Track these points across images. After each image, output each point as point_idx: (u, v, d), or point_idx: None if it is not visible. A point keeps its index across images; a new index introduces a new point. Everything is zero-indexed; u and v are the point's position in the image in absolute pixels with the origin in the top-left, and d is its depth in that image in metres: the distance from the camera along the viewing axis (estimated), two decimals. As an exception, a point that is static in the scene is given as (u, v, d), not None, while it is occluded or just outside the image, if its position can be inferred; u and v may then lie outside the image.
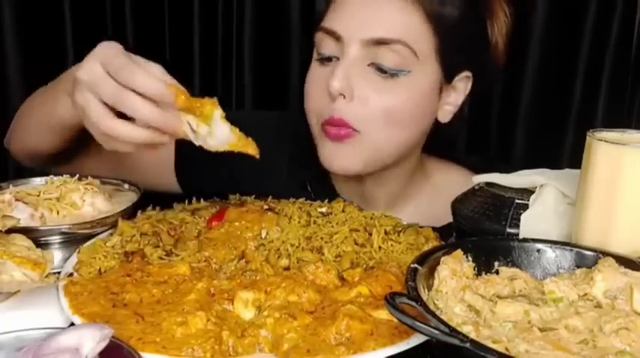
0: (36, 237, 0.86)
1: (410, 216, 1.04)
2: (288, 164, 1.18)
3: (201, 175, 1.20)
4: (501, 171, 0.96)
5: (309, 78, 1.07)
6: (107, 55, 0.79)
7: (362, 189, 1.13)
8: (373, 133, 1.01)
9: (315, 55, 1.06)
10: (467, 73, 1.05)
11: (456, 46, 1.01)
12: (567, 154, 1.53)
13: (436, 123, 1.08)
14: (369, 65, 0.99)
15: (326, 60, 1.03)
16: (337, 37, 1.00)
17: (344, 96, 0.99)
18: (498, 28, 1.07)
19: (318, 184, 1.15)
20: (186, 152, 1.18)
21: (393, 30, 0.97)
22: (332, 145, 1.02)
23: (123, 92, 0.76)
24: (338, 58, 1.01)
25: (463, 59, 1.04)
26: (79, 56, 1.52)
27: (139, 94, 0.75)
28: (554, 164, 0.93)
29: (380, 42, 0.97)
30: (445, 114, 1.07)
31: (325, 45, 1.02)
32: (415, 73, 0.99)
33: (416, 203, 1.16)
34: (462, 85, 1.06)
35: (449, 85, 1.05)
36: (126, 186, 1.05)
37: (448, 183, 1.16)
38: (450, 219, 0.94)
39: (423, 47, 0.99)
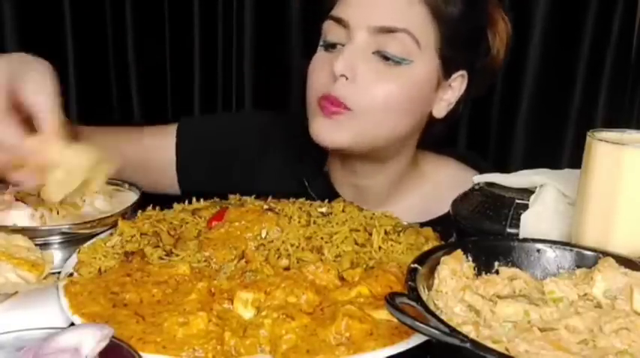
0: (36, 237, 0.86)
1: (404, 209, 1.09)
2: (285, 162, 1.22)
3: (202, 175, 1.22)
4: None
5: (313, 62, 1.11)
6: None
7: (356, 182, 1.17)
8: (367, 116, 1.04)
9: (320, 43, 1.10)
10: (462, 72, 1.10)
11: (456, 43, 1.06)
12: (567, 154, 1.53)
13: (430, 119, 1.12)
14: (373, 53, 1.03)
15: (331, 47, 1.07)
16: (345, 25, 1.05)
17: (346, 78, 1.02)
18: (499, 36, 1.12)
19: (315, 180, 1.19)
20: (188, 154, 1.23)
21: (398, 19, 1.02)
22: (324, 120, 1.05)
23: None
24: (343, 45, 1.05)
25: (461, 58, 1.08)
26: (79, 56, 1.53)
27: None
28: (554, 164, 0.93)
29: (386, 30, 1.02)
30: (440, 110, 1.11)
31: (332, 32, 1.07)
32: (416, 63, 1.04)
33: (410, 197, 1.18)
34: (458, 84, 1.11)
35: (446, 81, 1.09)
36: (126, 186, 1.05)
37: (442, 177, 1.21)
38: (442, 211, 0.97)
39: (425, 39, 1.03)
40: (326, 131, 1.06)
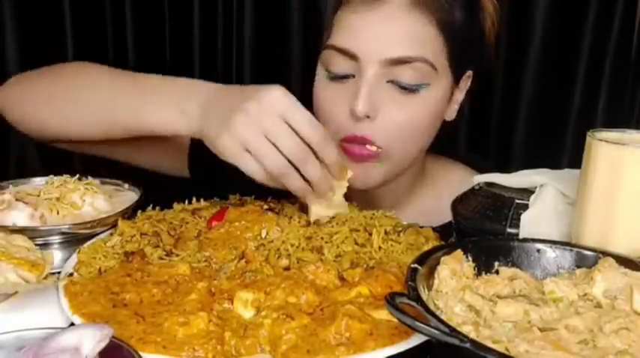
0: (36, 237, 0.86)
1: (412, 215, 1.05)
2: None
3: (212, 166, 1.18)
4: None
5: (321, 96, 1.03)
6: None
7: (367, 194, 1.11)
8: (395, 148, 1.01)
9: (322, 72, 1.03)
10: (469, 72, 1.08)
11: (462, 49, 1.03)
12: (567, 154, 1.53)
13: (442, 123, 1.10)
14: (387, 82, 0.98)
15: (339, 78, 1.01)
16: (352, 56, 0.98)
17: (368, 117, 0.97)
18: (490, 19, 1.08)
19: None
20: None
21: (412, 48, 0.96)
22: (352, 165, 0.98)
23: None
24: (354, 76, 0.99)
25: (468, 60, 1.06)
26: (79, 56, 1.52)
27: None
28: (554, 164, 0.93)
29: (401, 61, 0.96)
30: (452, 114, 1.09)
31: (337, 63, 1.00)
32: (433, 85, 1.00)
33: (418, 203, 1.16)
34: (465, 83, 1.09)
35: (457, 86, 1.07)
36: (126, 186, 1.05)
37: (447, 181, 1.18)
38: (449, 217, 0.93)
39: (440, 60, 1.00)
40: (358, 174, 0.97)
